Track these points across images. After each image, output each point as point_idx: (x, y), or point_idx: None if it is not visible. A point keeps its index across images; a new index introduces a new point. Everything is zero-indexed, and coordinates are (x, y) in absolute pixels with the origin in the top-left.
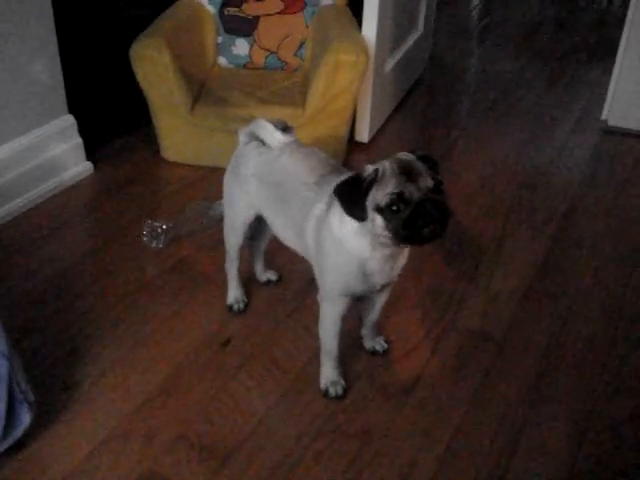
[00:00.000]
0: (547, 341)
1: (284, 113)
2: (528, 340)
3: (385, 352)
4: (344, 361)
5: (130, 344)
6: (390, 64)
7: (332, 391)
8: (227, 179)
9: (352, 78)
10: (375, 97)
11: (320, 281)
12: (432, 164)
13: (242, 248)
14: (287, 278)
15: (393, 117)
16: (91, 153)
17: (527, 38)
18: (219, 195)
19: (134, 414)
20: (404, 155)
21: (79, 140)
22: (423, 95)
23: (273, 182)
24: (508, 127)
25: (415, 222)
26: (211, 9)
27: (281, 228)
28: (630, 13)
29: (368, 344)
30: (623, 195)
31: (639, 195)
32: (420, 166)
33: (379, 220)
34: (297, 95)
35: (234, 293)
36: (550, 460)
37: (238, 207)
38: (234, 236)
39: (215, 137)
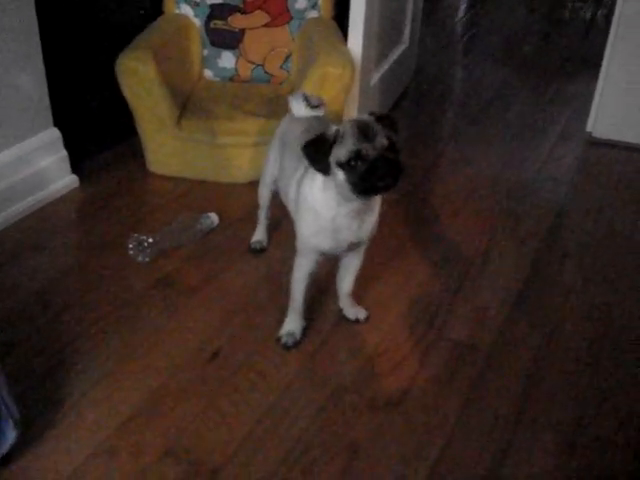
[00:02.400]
0: (534, 352)
1: (271, 125)
2: (516, 351)
3: (367, 319)
4: (331, 371)
5: (116, 358)
6: (376, 77)
7: (284, 340)
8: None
9: (338, 90)
10: (361, 109)
11: (297, 234)
12: (390, 123)
13: (271, 198)
14: (274, 290)
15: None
16: (77, 166)
17: (512, 50)
18: (206, 208)
19: (121, 429)
20: (364, 116)
21: (64, 153)
22: (409, 107)
23: (282, 144)
24: (494, 139)
25: (370, 176)
26: (197, 22)
27: (281, 187)
28: (614, 25)
29: (350, 314)
30: (608, 206)
31: (624, 206)
32: (377, 127)
33: (340, 174)
34: (284, 107)
35: (257, 236)
36: (539, 471)
37: (267, 160)
38: (262, 186)
39: (201, 150)
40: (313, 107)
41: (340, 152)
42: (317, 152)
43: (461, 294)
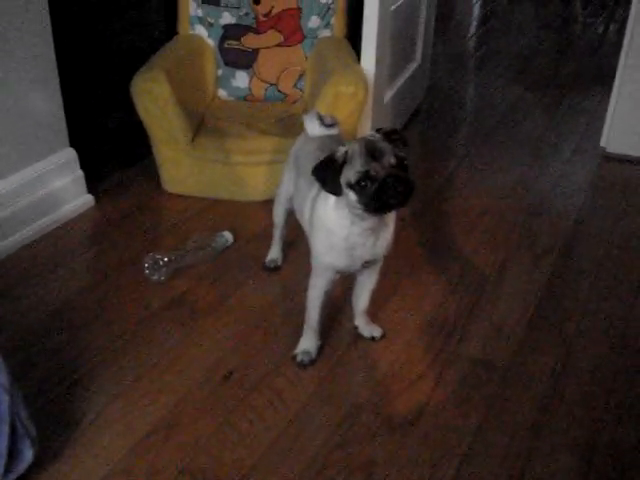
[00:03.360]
0: (551, 370)
1: (285, 144)
2: (532, 369)
3: (383, 337)
4: (347, 390)
5: (132, 378)
6: (389, 95)
7: (300, 358)
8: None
9: (351, 109)
10: (375, 127)
11: (312, 254)
12: (398, 138)
13: (286, 217)
14: (289, 309)
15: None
16: (92, 186)
17: (524, 66)
18: (220, 226)
19: (136, 448)
20: (370, 135)
21: (80, 173)
22: (422, 124)
23: (297, 163)
24: (507, 155)
25: (381, 195)
26: (211, 42)
27: (296, 205)
28: (626, 39)
29: (365, 332)
30: (624, 221)
31: (638, 222)
32: (384, 145)
33: (351, 195)
34: (297, 126)
35: (272, 255)
36: None
37: (282, 179)
38: (277, 204)
39: (216, 169)
40: (327, 126)
41: (349, 173)
42: (326, 174)
43: (477, 311)
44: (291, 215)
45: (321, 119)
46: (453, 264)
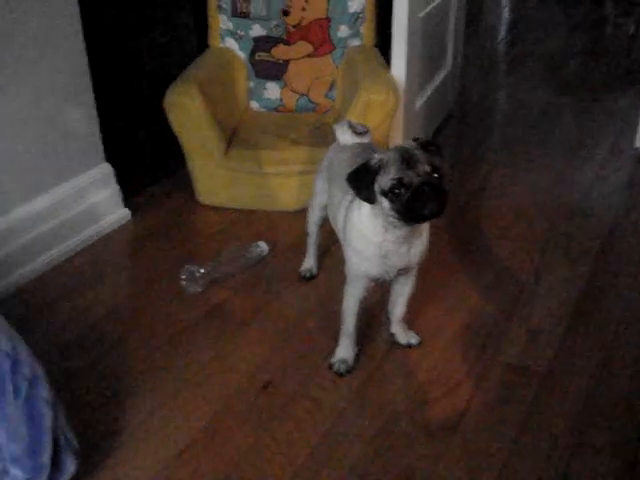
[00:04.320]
0: (591, 374)
1: (317, 154)
2: (571, 373)
3: (420, 344)
4: (384, 398)
5: (171, 389)
6: (420, 102)
7: (337, 367)
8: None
9: (383, 117)
10: (406, 134)
11: (346, 262)
12: (435, 149)
13: (320, 226)
14: (325, 318)
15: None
16: (128, 199)
17: (556, 68)
18: (255, 237)
19: (177, 459)
20: (406, 144)
21: (116, 188)
22: (454, 130)
23: (330, 173)
24: (540, 159)
25: (414, 203)
26: (242, 55)
27: (330, 214)
28: None
29: (402, 339)
30: None
31: None
32: (419, 153)
33: (385, 202)
34: (329, 136)
35: (306, 264)
36: None
37: (315, 188)
38: (311, 214)
39: (249, 180)
40: (359, 134)
41: (383, 181)
42: (361, 182)
43: (514, 316)
44: (325, 224)
45: (352, 127)
46: (489, 269)
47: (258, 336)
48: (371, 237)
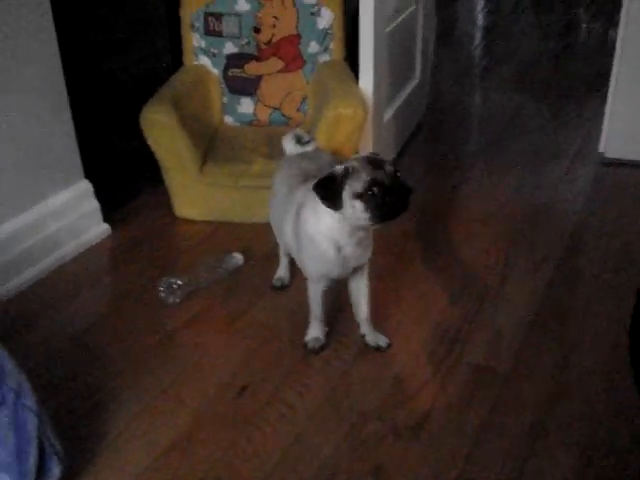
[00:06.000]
0: (550, 373)
1: None
2: (532, 372)
3: (389, 346)
4: (354, 399)
5: (152, 396)
6: (389, 113)
7: (311, 345)
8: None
9: (352, 130)
10: (376, 146)
11: (303, 268)
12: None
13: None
14: (297, 324)
15: (395, 164)
16: (108, 214)
17: (527, 74)
18: (231, 248)
19: (157, 463)
20: (364, 153)
21: (96, 204)
22: (424, 140)
23: (277, 183)
24: (508, 165)
25: (388, 201)
26: (215, 72)
27: (274, 222)
28: (618, 44)
29: (371, 341)
30: (622, 225)
31: (638, 225)
32: (380, 158)
33: (359, 205)
34: None
35: (278, 273)
36: None
37: (270, 200)
38: (273, 225)
39: (224, 193)
40: (304, 143)
41: (356, 184)
42: (329, 190)
43: (479, 318)
44: None
45: (297, 137)
46: (456, 273)
47: (234, 343)
48: (333, 242)
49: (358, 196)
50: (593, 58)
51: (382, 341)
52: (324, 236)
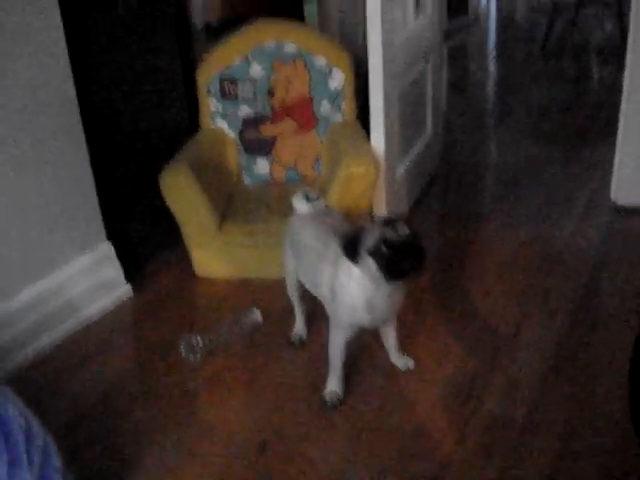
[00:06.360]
0: (568, 423)
1: None
2: (549, 422)
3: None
4: (374, 453)
5: (175, 453)
6: (401, 169)
7: (329, 399)
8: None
9: (364, 188)
10: (389, 202)
11: (332, 315)
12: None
13: (300, 291)
14: (317, 379)
15: (409, 218)
16: (129, 274)
17: (538, 122)
18: (250, 305)
19: None
20: (384, 214)
21: (118, 265)
22: (437, 191)
23: (297, 241)
24: (522, 215)
25: (397, 260)
26: (231, 134)
27: (306, 278)
28: (625, 90)
29: (401, 365)
30: (636, 273)
31: None
32: (395, 218)
33: (371, 261)
34: None
35: (296, 329)
36: None
37: (285, 259)
38: (288, 282)
39: (243, 251)
40: (312, 201)
41: (369, 241)
42: (349, 245)
43: (495, 368)
44: (306, 289)
45: (307, 195)
46: (471, 324)
47: (254, 401)
48: (362, 293)
49: (370, 253)
50: (605, 104)
51: (410, 362)
52: (357, 286)
